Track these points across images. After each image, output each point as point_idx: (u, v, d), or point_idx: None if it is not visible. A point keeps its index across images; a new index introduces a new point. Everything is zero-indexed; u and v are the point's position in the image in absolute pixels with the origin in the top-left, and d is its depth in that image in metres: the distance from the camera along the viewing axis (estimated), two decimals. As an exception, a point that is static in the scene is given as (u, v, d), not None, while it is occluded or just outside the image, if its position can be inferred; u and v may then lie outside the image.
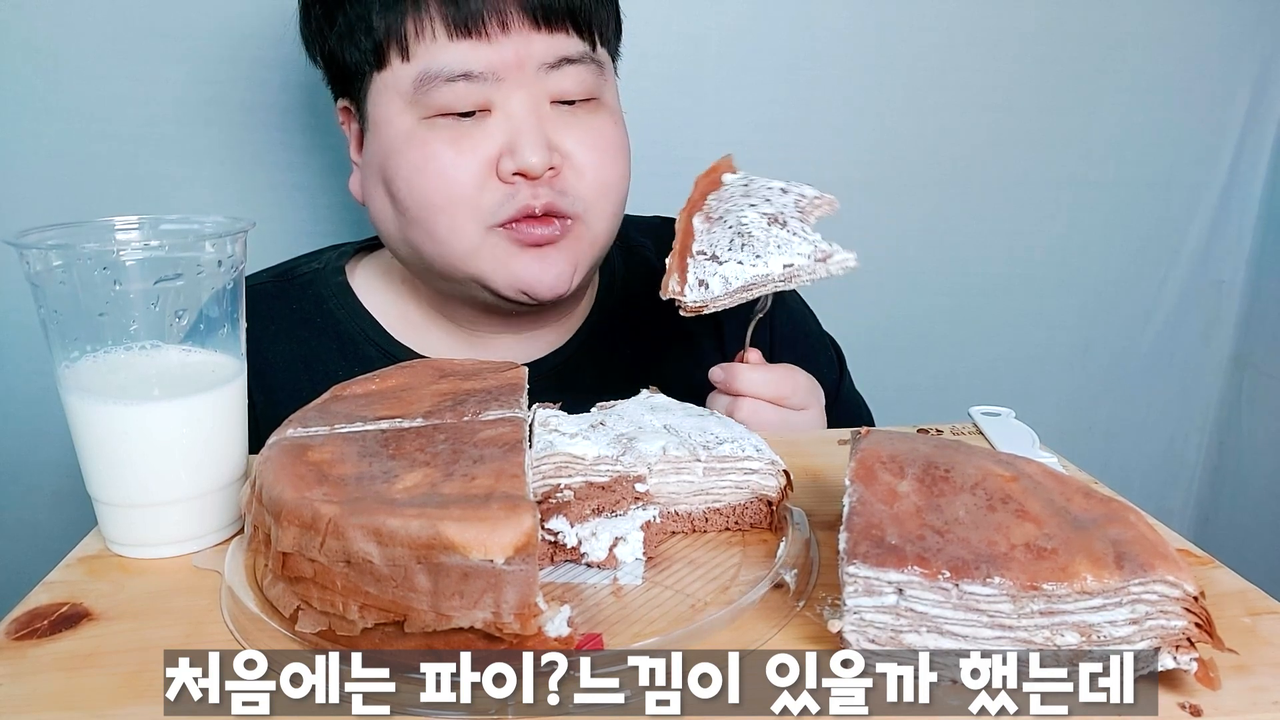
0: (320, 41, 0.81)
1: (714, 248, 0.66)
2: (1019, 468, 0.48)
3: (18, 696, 0.44)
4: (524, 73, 0.75)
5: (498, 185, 0.76)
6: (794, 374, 0.75)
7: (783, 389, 0.74)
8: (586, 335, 0.91)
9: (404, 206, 0.78)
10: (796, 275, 0.65)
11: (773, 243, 0.64)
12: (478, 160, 0.75)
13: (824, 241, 0.66)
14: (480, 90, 0.75)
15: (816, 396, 0.77)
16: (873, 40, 1.22)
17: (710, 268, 0.65)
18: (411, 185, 0.77)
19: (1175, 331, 1.42)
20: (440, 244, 0.78)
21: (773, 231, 0.65)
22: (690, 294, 0.65)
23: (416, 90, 0.75)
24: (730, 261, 0.64)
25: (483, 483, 0.46)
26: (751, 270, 0.64)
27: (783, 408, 0.74)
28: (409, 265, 0.85)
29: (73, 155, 1.07)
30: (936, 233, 1.30)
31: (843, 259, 0.65)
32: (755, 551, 0.56)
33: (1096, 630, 0.41)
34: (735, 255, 0.64)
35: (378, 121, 0.79)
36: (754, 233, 0.65)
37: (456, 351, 0.88)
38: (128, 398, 0.54)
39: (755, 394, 0.73)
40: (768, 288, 0.65)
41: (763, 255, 0.64)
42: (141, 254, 0.54)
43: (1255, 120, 1.34)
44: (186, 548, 0.56)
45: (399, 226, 0.80)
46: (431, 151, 0.75)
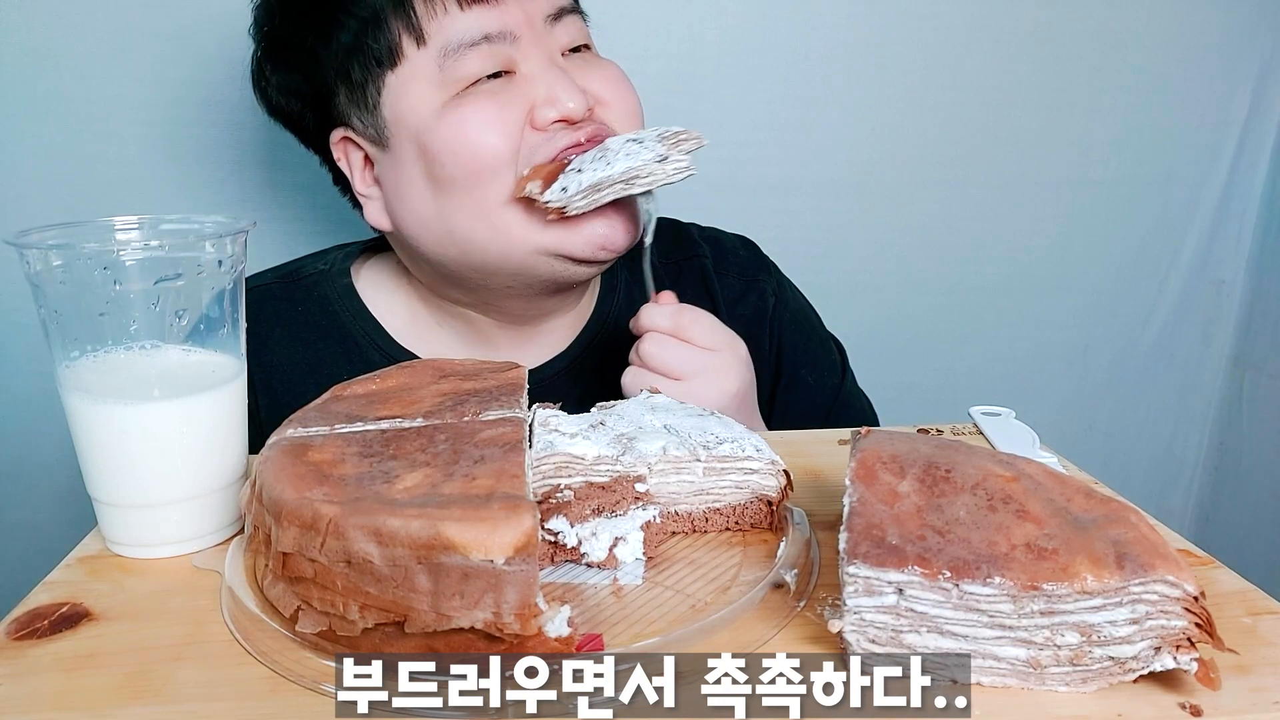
0: (305, 76, 0.81)
1: (580, 161, 0.75)
2: (1020, 468, 0.48)
3: (18, 696, 0.44)
4: (534, 29, 0.78)
5: (532, 133, 0.77)
6: (697, 312, 0.76)
7: (681, 321, 0.74)
8: (590, 337, 0.90)
9: (449, 181, 0.77)
10: (636, 176, 0.74)
11: (623, 152, 0.75)
12: (518, 113, 0.77)
13: (672, 153, 0.75)
14: (501, 50, 0.77)
15: (728, 340, 0.76)
16: (873, 40, 1.22)
17: (572, 176, 0.74)
18: (455, 152, 0.76)
19: (1175, 331, 1.42)
20: (496, 218, 0.77)
21: (628, 146, 0.75)
22: (549, 195, 0.74)
23: (442, 67, 0.76)
24: (587, 170, 0.74)
25: (483, 483, 0.46)
26: (599, 173, 0.74)
27: (687, 343, 0.74)
28: (451, 271, 0.82)
29: (73, 155, 1.07)
30: (936, 233, 1.30)
31: (679, 163, 0.75)
32: (755, 552, 0.56)
33: (1097, 630, 0.41)
34: (592, 165, 0.75)
35: (403, 120, 0.78)
36: (611, 147, 0.76)
37: (463, 353, 0.87)
38: (128, 398, 0.54)
39: (653, 326, 0.74)
40: (614, 187, 0.74)
41: (612, 162, 0.74)
42: (142, 254, 0.54)
43: (1255, 120, 1.34)
44: (186, 548, 0.56)
45: (445, 226, 0.78)
46: (468, 113, 0.76)
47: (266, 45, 0.83)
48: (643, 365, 0.75)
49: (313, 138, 0.86)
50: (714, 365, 0.75)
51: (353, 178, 0.84)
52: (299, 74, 0.81)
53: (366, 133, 0.80)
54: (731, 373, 0.75)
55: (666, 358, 0.73)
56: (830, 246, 1.25)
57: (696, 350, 0.74)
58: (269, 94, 0.85)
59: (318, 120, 0.83)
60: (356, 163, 0.83)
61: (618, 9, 0.86)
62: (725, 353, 0.75)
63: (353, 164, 0.83)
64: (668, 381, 0.73)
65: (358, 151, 0.82)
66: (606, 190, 0.74)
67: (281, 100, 0.84)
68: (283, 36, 0.82)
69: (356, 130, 0.81)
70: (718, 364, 0.75)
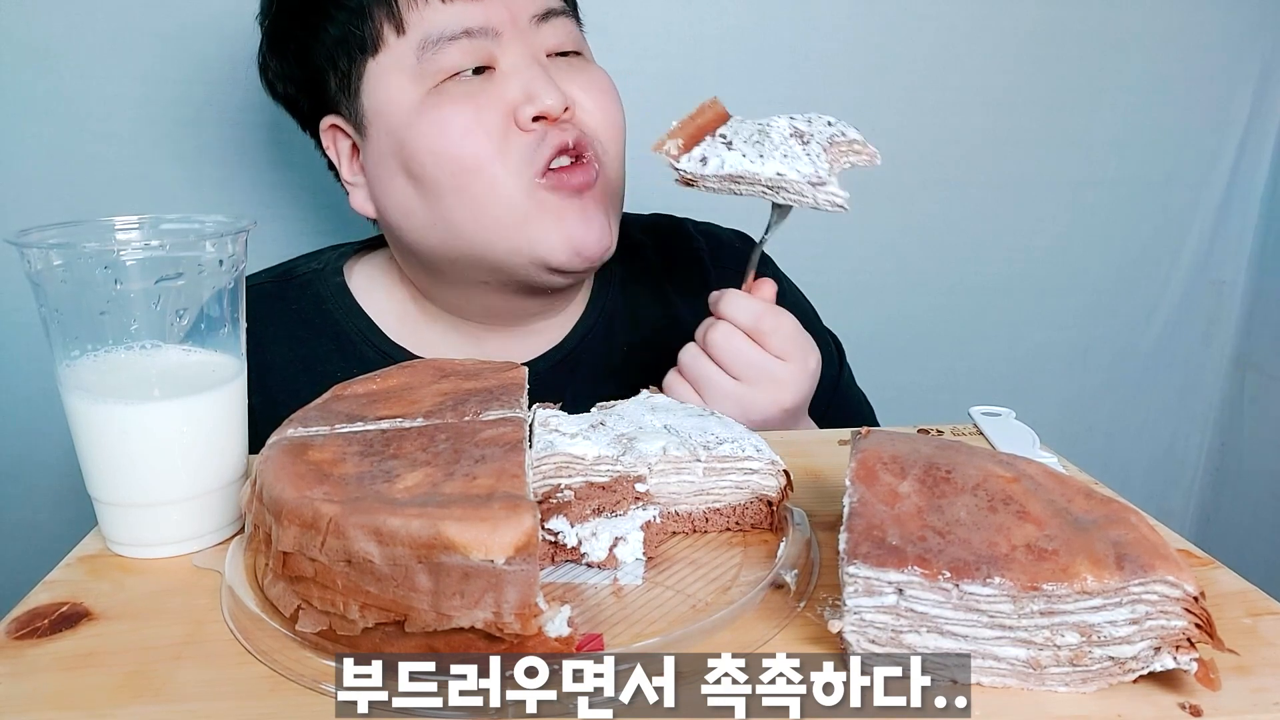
0: (299, 62, 0.82)
1: (735, 135, 0.67)
2: (1020, 469, 0.48)
3: (18, 696, 0.43)
4: (518, 27, 0.78)
5: (520, 134, 0.76)
6: (782, 317, 0.71)
7: (764, 324, 0.70)
8: (584, 331, 0.91)
9: (432, 181, 0.77)
10: (784, 188, 0.66)
11: (781, 150, 0.66)
12: (497, 114, 0.76)
13: (829, 173, 0.66)
14: (482, 46, 0.76)
15: (802, 352, 0.72)
16: (873, 40, 1.22)
17: (719, 149, 0.66)
18: (436, 152, 0.76)
19: (1176, 331, 1.42)
20: (483, 210, 0.77)
21: (790, 143, 0.66)
22: (686, 162, 0.67)
23: (421, 59, 0.76)
24: (737, 151, 0.66)
25: (483, 483, 0.46)
26: (746, 164, 0.65)
27: (759, 347, 0.70)
28: (436, 259, 0.82)
29: (73, 155, 1.07)
30: (936, 233, 1.30)
31: (833, 194, 0.66)
32: (756, 552, 0.56)
33: (1097, 630, 0.41)
34: (744, 147, 0.66)
35: (380, 109, 0.78)
36: (772, 135, 0.66)
37: (455, 350, 0.88)
38: (128, 397, 0.54)
39: (732, 317, 0.70)
40: (755, 188, 0.66)
41: (765, 156, 0.65)
42: (142, 253, 0.54)
43: (1256, 120, 1.34)
44: (186, 548, 0.56)
45: (429, 213, 0.79)
46: (448, 113, 0.76)
47: (268, 33, 0.85)
48: (704, 350, 0.71)
49: (309, 123, 0.87)
50: (778, 376, 0.71)
51: (339, 165, 0.85)
52: (294, 61, 0.83)
53: (351, 120, 0.82)
54: (792, 387, 0.71)
55: (732, 354, 0.69)
56: (830, 246, 1.25)
57: (766, 356, 0.70)
58: (271, 80, 0.87)
59: (312, 106, 0.84)
60: (344, 150, 0.84)
61: (618, 9, 0.86)
62: (794, 364, 0.71)
63: (340, 151, 0.84)
64: (722, 377, 0.70)
65: (345, 139, 0.84)
66: (745, 188, 0.67)
67: (281, 86, 0.86)
68: (281, 25, 0.83)
69: (344, 117, 0.82)
70: (782, 375, 0.71)
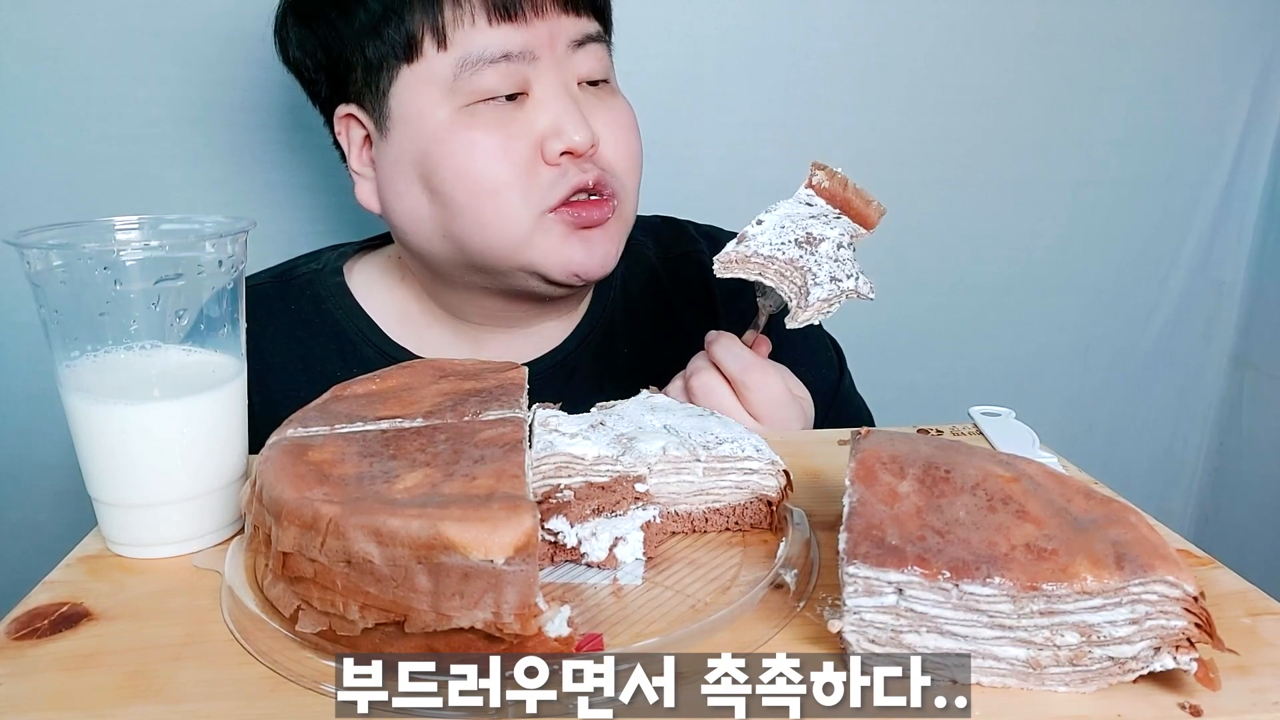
0: (323, 44, 0.80)
1: (818, 270, 0.69)
2: (1019, 468, 0.48)
3: (18, 696, 0.43)
4: (555, 52, 0.78)
5: (545, 168, 0.77)
6: (771, 372, 0.72)
7: (750, 378, 0.71)
8: (585, 333, 0.91)
9: (448, 198, 0.78)
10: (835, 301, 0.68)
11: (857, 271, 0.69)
12: (525, 144, 0.77)
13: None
14: (519, 70, 0.76)
15: (780, 418, 0.72)
16: (873, 40, 1.22)
17: (809, 268, 0.68)
18: (459, 172, 0.77)
19: (1175, 331, 1.42)
20: (491, 232, 0.78)
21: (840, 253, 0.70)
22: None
23: (458, 77, 0.76)
24: (823, 286, 0.68)
25: (483, 483, 0.46)
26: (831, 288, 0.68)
27: (737, 400, 0.71)
28: (439, 263, 0.83)
29: (73, 155, 1.07)
30: (936, 233, 1.30)
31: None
32: (755, 552, 0.56)
33: (1096, 630, 0.41)
34: (828, 278, 0.68)
35: (408, 117, 0.78)
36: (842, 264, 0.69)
37: (456, 350, 0.88)
38: (128, 398, 0.54)
39: (721, 363, 0.71)
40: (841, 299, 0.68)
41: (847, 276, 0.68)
42: (142, 254, 0.54)
43: (1256, 120, 1.34)
44: (186, 548, 0.56)
45: (439, 222, 0.79)
46: (477, 137, 0.76)
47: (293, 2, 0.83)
48: (686, 390, 0.73)
49: (322, 102, 0.85)
50: (755, 429, 0.71)
51: (350, 154, 0.84)
52: (317, 40, 0.81)
53: (372, 115, 0.81)
54: None
55: (715, 402, 0.70)
56: (830, 246, 1.25)
57: (742, 412, 0.72)
58: (288, 46, 0.84)
59: (330, 89, 0.83)
60: (356, 140, 0.83)
61: (618, 9, 0.86)
62: (767, 427, 0.72)
63: (352, 140, 0.83)
64: None
65: (360, 129, 0.83)
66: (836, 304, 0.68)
67: (299, 55, 0.84)
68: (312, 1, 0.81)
69: (365, 111, 0.81)
70: (760, 430, 0.72)
